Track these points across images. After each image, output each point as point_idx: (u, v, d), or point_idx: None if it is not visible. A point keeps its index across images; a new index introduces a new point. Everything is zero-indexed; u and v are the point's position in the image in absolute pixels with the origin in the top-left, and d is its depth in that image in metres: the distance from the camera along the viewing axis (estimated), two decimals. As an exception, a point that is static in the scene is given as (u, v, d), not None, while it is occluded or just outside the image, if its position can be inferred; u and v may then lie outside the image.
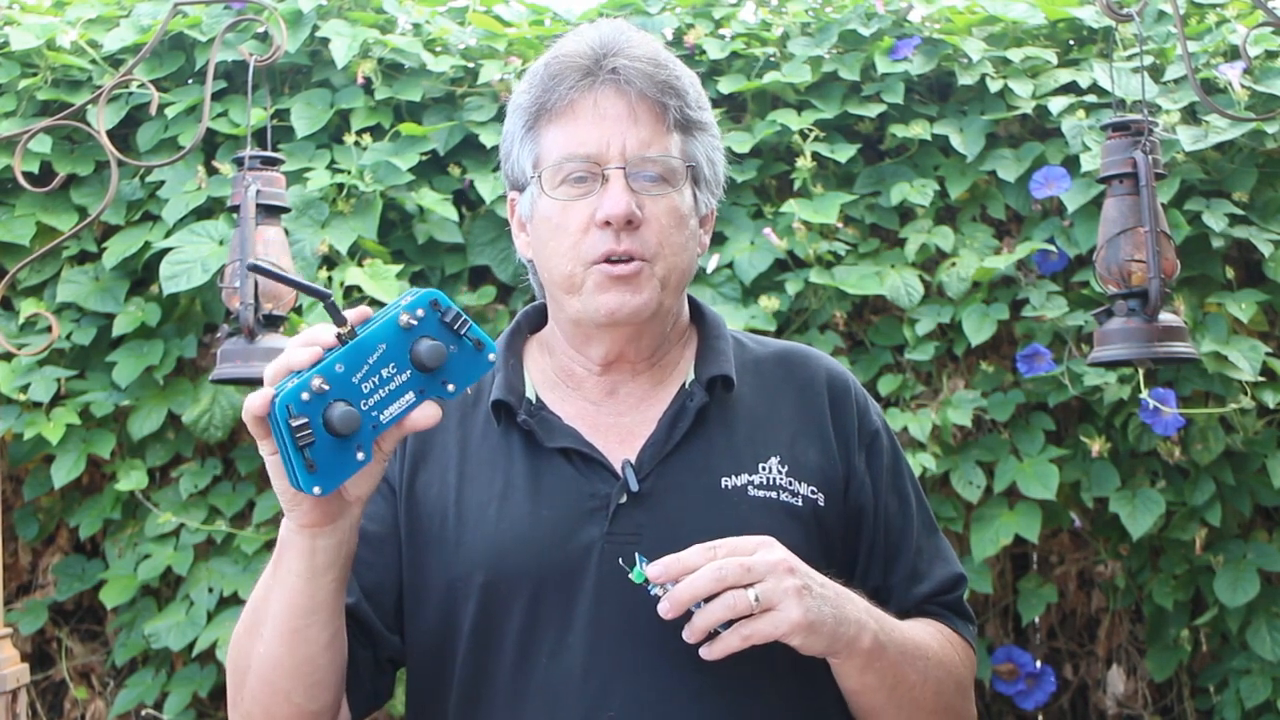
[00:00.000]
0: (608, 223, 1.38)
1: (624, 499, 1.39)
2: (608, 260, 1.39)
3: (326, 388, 1.14)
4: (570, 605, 1.37)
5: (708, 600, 1.26)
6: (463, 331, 1.20)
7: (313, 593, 1.28)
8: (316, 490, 1.15)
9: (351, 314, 1.18)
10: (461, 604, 1.39)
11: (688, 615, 1.27)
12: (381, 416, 1.17)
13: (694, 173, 1.46)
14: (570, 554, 1.38)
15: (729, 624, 1.26)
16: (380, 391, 1.17)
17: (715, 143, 1.50)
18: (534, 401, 1.46)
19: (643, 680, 1.35)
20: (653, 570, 1.26)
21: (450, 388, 1.20)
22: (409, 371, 1.18)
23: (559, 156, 1.42)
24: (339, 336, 1.17)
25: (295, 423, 1.12)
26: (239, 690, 1.37)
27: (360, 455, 1.17)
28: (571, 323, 1.46)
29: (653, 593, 1.27)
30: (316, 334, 1.18)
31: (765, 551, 1.28)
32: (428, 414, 1.19)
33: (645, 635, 1.36)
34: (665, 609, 1.26)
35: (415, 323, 1.18)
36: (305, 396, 1.13)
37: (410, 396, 1.18)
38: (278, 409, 1.13)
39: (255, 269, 1.19)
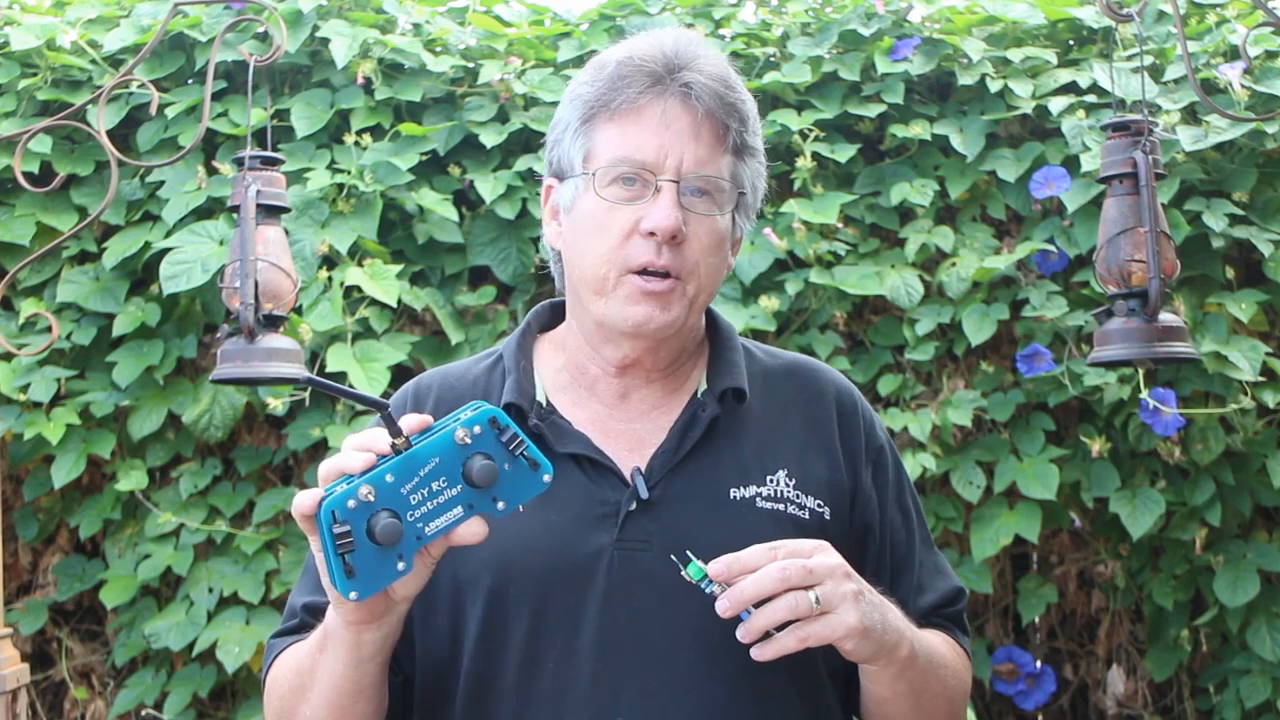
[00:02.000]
0: (653, 233, 1.38)
1: (633, 506, 1.39)
2: (644, 271, 1.39)
3: (372, 499, 1.17)
4: (578, 611, 1.37)
5: (764, 601, 1.25)
6: (518, 451, 1.21)
7: (359, 678, 1.31)
8: (353, 596, 1.18)
9: (410, 421, 1.20)
10: (469, 607, 1.40)
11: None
12: (427, 529, 1.19)
13: (740, 198, 1.45)
14: (579, 559, 1.38)
15: (782, 625, 1.26)
16: (429, 504, 1.19)
17: (762, 170, 1.49)
18: (544, 405, 1.46)
19: (650, 687, 1.35)
20: (715, 568, 1.26)
21: (500, 505, 1.22)
22: (460, 486, 1.20)
23: (615, 157, 1.41)
24: (393, 446, 1.19)
25: (338, 530, 1.15)
26: None
27: (401, 565, 1.19)
28: (595, 323, 1.45)
29: (708, 590, 1.27)
30: (372, 440, 1.20)
31: (823, 555, 1.28)
32: (474, 530, 1.21)
33: (653, 642, 1.36)
34: (724, 607, 1.25)
35: (470, 440, 1.20)
36: (351, 504, 1.16)
37: (459, 511, 1.20)
38: (323, 514, 1.16)
39: (311, 382, 1.21)
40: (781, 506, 1.42)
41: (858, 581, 1.29)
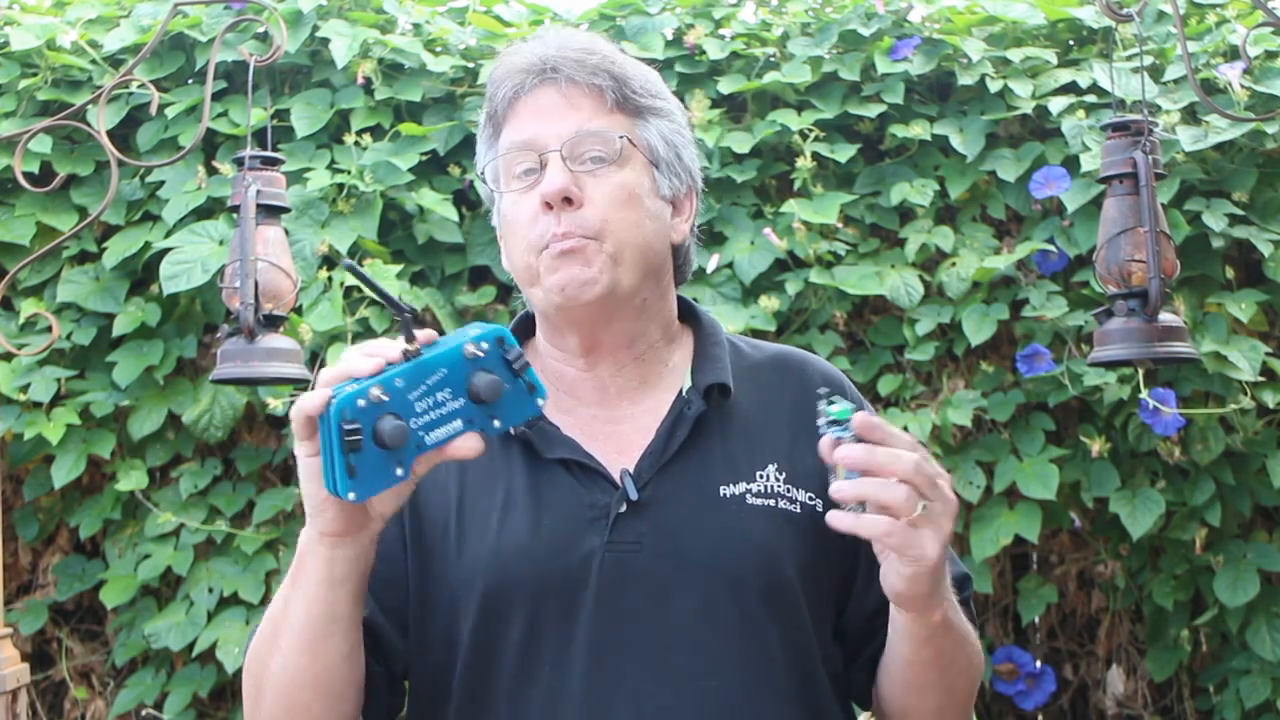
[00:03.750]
0: (549, 205, 1.39)
1: (623, 508, 1.38)
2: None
3: (385, 399, 1.16)
4: (571, 615, 1.37)
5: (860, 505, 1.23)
6: (520, 372, 1.21)
7: (332, 602, 1.29)
8: (351, 496, 1.16)
9: (419, 334, 1.20)
10: (463, 614, 1.39)
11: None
12: (428, 438, 1.19)
13: (647, 152, 1.45)
14: (571, 564, 1.37)
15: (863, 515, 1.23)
16: (432, 413, 1.19)
17: (674, 127, 1.49)
18: None
19: (644, 691, 1.35)
20: (859, 418, 1.24)
21: (496, 423, 1.21)
22: (462, 400, 1.19)
23: (504, 152, 1.44)
24: (404, 353, 1.18)
25: (348, 427, 1.14)
26: (256, 704, 1.36)
27: (399, 471, 1.18)
28: (543, 315, 1.47)
29: (833, 435, 1.24)
30: (381, 346, 1.20)
31: (947, 487, 1.27)
32: (470, 444, 1.20)
33: (646, 643, 1.36)
34: (854, 456, 1.23)
35: (479, 355, 1.20)
36: (361, 403, 1.15)
37: (458, 424, 1.20)
38: (333, 411, 1.15)
39: (351, 269, 1.21)
40: (772, 502, 1.41)
41: (953, 528, 1.28)
